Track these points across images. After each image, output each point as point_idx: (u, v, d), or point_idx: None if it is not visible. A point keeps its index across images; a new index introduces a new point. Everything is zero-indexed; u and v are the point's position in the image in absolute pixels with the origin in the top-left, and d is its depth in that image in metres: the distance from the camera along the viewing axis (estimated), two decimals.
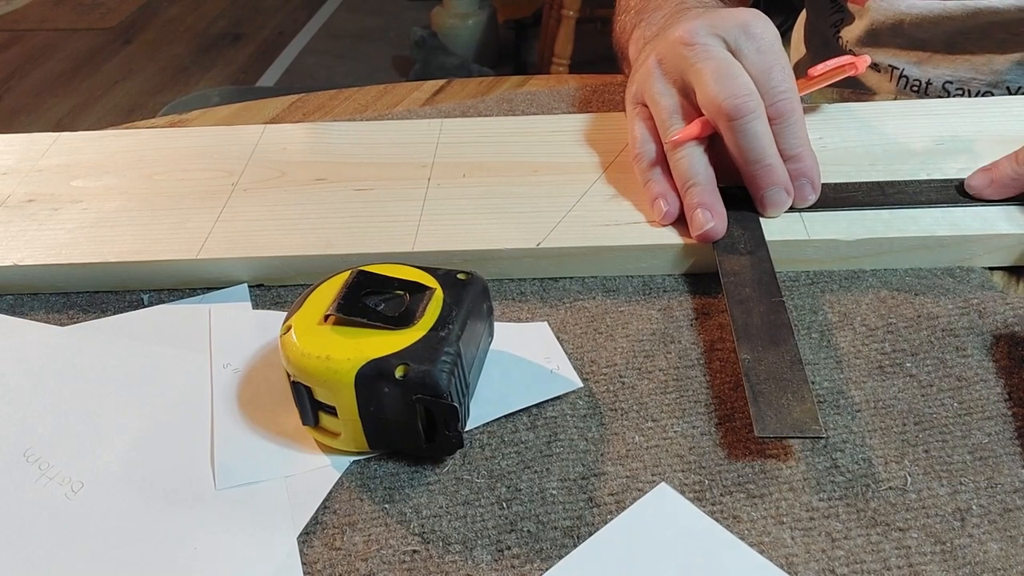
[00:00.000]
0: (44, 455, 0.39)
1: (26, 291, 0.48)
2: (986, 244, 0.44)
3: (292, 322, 0.37)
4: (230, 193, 0.51)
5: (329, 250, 0.46)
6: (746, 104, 0.43)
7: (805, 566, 0.32)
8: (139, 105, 2.33)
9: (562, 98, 0.62)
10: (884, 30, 0.66)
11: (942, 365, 0.40)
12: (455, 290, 0.38)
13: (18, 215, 0.50)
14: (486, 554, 0.34)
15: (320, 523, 0.35)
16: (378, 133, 0.56)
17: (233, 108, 0.65)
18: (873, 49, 0.68)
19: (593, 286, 0.46)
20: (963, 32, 0.62)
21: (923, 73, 0.66)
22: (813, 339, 0.42)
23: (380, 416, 0.36)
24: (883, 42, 0.67)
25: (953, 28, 0.62)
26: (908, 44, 0.66)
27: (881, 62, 0.67)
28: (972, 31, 0.62)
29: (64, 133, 0.58)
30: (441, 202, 0.49)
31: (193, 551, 0.34)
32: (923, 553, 0.33)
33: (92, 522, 0.36)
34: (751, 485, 0.35)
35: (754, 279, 0.42)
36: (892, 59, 0.67)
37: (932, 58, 0.65)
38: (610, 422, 0.38)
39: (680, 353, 0.42)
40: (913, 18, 0.64)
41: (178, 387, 0.42)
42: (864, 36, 0.68)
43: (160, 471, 0.38)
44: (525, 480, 0.36)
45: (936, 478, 0.35)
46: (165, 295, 0.47)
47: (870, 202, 0.46)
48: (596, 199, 0.48)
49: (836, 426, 0.37)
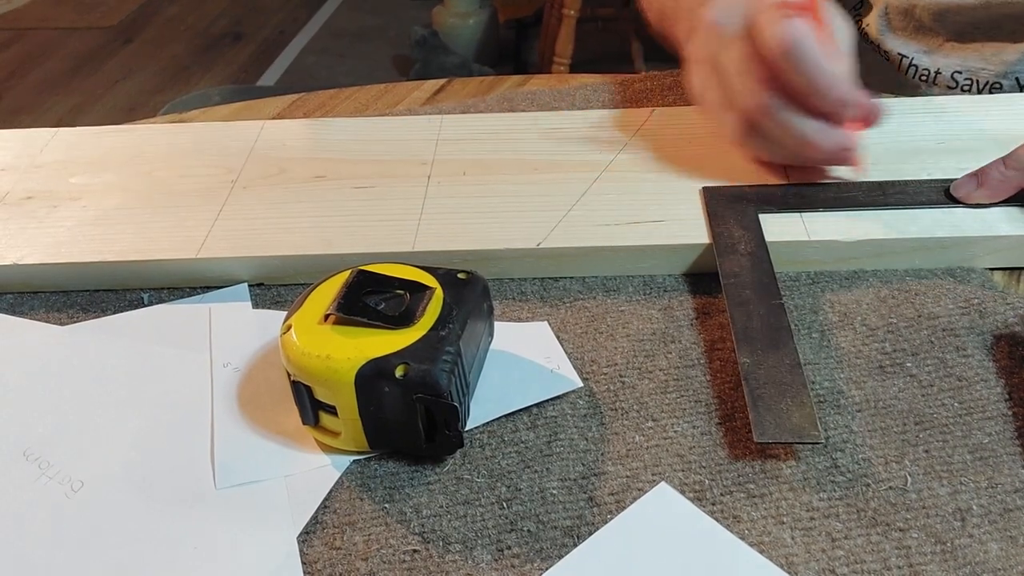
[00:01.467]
0: (44, 455, 0.39)
1: (26, 290, 0.48)
2: (986, 245, 0.44)
3: (292, 321, 0.37)
4: (230, 191, 0.51)
5: (329, 249, 0.46)
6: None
7: (805, 566, 0.32)
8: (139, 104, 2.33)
9: (562, 97, 0.62)
10: (896, 16, 0.66)
11: (942, 365, 0.40)
12: (455, 290, 0.38)
13: (17, 213, 0.50)
14: (486, 554, 0.34)
15: (320, 523, 0.35)
16: (378, 130, 0.56)
17: (233, 107, 0.65)
18: (885, 37, 0.68)
19: (593, 286, 0.46)
20: (974, 22, 0.63)
21: (932, 62, 0.66)
22: (813, 339, 0.42)
23: (380, 416, 0.36)
24: (894, 29, 0.68)
25: (964, 18, 0.63)
26: (918, 32, 0.66)
27: (891, 50, 0.68)
28: (983, 21, 0.62)
29: (62, 128, 0.58)
30: (441, 200, 0.49)
31: (193, 550, 0.34)
32: (923, 553, 0.33)
33: (92, 521, 0.36)
34: (751, 485, 0.35)
35: (754, 281, 0.42)
36: (902, 47, 0.67)
37: (942, 47, 0.65)
38: (610, 422, 0.38)
39: (680, 353, 0.42)
40: (925, 5, 0.64)
41: (178, 387, 0.42)
42: (878, 22, 0.68)
43: (160, 471, 0.38)
44: (525, 480, 0.36)
45: (936, 478, 0.35)
46: (165, 294, 0.47)
47: (870, 202, 0.46)
48: (596, 199, 0.48)
49: (836, 426, 0.37)
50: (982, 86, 0.64)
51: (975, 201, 0.45)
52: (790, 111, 0.45)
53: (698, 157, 0.51)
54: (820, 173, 0.49)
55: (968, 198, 0.46)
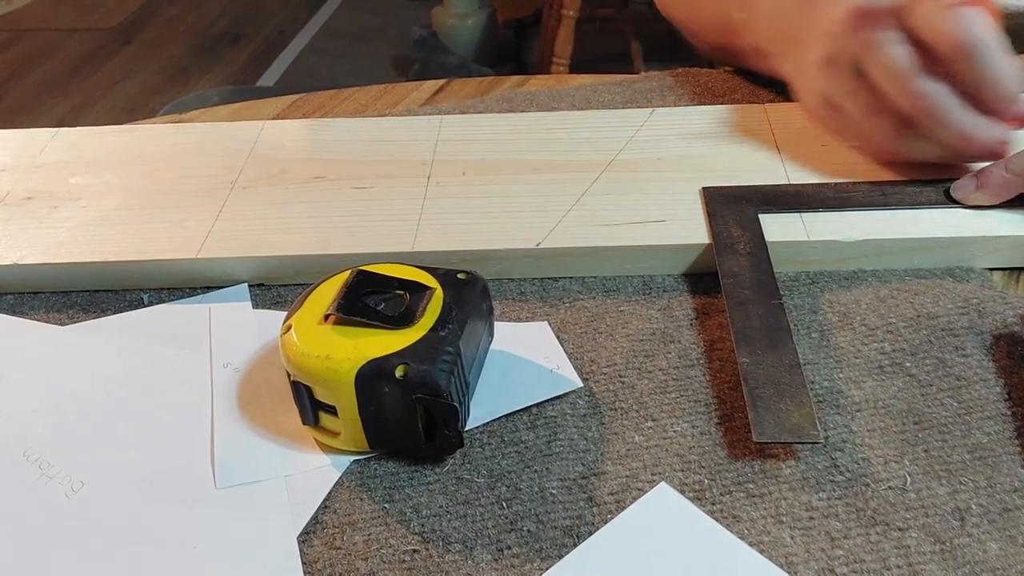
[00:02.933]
0: (44, 455, 0.39)
1: (26, 290, 0.48)
2: (986, 246, 0.44)
3: (292, 322, 0.37)
4: (230, 191, 0.51)
5: (329, 249, 0.46)
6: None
7: (805, 565, 0.32)
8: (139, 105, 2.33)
9: (562, 98, 0.62)
10: None
11: (942, 365, 0.40)
12: (455, 290, 0.38)
13: (17, 213, 0.50)
14: (486, 553, 0.34)
15: (320, 523, 0.35)
16: (378, 130, 0.56)
17: (233, 108, 0.65)
18: None
19: (593, 286, 0.46)
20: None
21: None
22: (813, 339, 0.42)
23: (380, 416, 0.36)
24: None
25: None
26: None
27: None
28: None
29: (62, 129, 0.58)
30: (441, 200, 0.49)
31: (193, 550, 0.34)
32: (922, 552, 0.33)
33: (92, 522, 0.36)
34: (751, 484, 0.35)
35: (753, 281, 0.42)
36: None
37: None
38: (610, 422, 0.38)
39: (680, 353, 0.42)
40: None
41: (178, 387, 0.42)
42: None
43: (160, 471, 0.38)
44: (525, 480, 0.36)
45: (936, 478, 0.35)
46: (165, 294, 0.47)
47: (870, 203, 0.46)
48: (596, 199, 0.48)
49: (836, 426, 0.37)
50: None
51: (974, 202, 0.45)
52: (955, 107, 0.44)
53: (698, 157, 0.51)
54: (961, 169, 0.47)
55: (968, 199, 0.46)
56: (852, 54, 0.47)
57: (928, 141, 0.46)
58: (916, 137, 0.46)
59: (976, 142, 0.45)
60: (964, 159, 0.47)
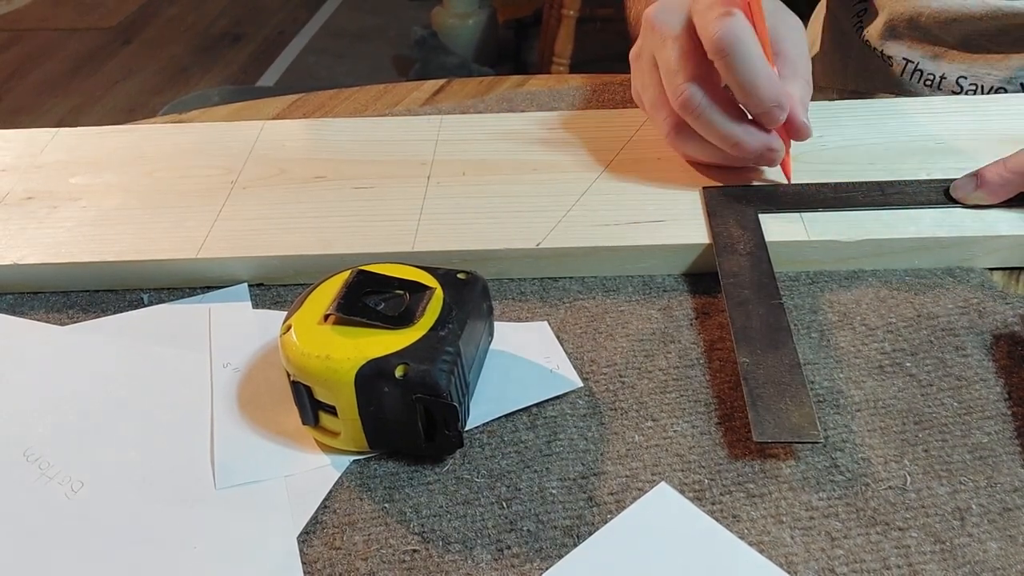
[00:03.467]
0: (44, 455, 0.39)
1: (26, 290, 0.48)
2: (986, 245, 0.44)
3: (292, 322, 0.37)
4: (230, 191, 0.51)
5: (329, 249, 0.46)
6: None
7: (805, 565, 0.32)
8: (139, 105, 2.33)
9: (562, 98, 0.62)
10: (901, 24, 0.66)
11: (942, 365, 0.40)
12: (455, 290, 0.38)
13: (17, 213, 0.50)
14: (486, 553, 0.34)
15: (320, 523, 0.35)
16: (378, 130, 0.56)
17: (233, 108, 0.65)
18: (890, 42, 0.68)
19: (593, 286, 0.46)
20: (980, 31, 0.63)
21: (938, 68, 0.66)
22: (813, 339, 0.42)
23: (380, 416, 0.36)
24: (900, 35, 0.67)
25: (971, 27, 0.63)
26: (924, 39, 0.66)
27: (895, 55, 0.68)
28: (989, 30, 0.62)
29: (62, 129, 0.58)
30: (441, 200, 0.49)
31: (193, 551, 0.34)
32: (922, 552, 0.33)
33: (92, 522, 0.36)
34: (751, 484, 0.35)
35: (753, 281, 0.42)
36: (908, 52, 0.67)
37: (948, 53, 0.65)
38: (610, 422, 0.38)
39: (680, 353, 0.42)
40: (931, 13, 0.64)
41: (178, 387, 0.42)
42: (883, 30, 0.68)
43: (160, 471, 0.38)
44: (525, 479, 0.36)
45: (936, 477, 0.35)
46: (165, 294, 0.47)
47: (870, 202, 0.46)
48: (596, 199, 0.48)
49: (836, 425, 0.37)
50: (986, 91, 0.64)
51: (974, 202, 0.45)
52: (717, 110, 0.45)
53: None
54: (753, 174, 0.49)
55: (967, 199, 0.46)
56: (650, 50, 0.48)
57: (702, 142, 0.47)
58: (692, 137, 0.47)
59: (741, 147, 0.46)
60: (737, 163, 0.48)
